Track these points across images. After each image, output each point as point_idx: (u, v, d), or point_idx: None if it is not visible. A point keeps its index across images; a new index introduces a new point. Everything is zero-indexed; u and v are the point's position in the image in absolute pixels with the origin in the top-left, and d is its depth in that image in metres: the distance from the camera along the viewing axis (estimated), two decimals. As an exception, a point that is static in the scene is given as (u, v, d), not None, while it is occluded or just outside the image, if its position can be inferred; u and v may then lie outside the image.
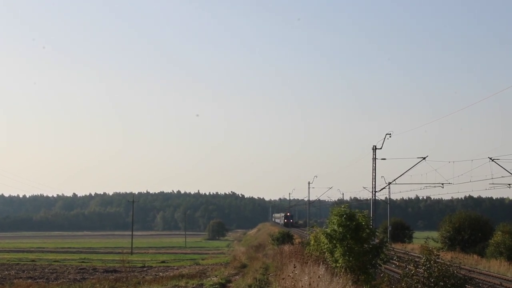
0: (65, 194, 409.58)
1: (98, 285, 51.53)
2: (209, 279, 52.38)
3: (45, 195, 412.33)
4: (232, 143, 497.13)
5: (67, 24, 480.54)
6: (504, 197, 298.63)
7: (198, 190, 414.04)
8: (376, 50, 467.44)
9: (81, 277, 65.48)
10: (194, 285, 48.46)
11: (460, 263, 29.62)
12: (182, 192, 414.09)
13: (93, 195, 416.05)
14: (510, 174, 50.38)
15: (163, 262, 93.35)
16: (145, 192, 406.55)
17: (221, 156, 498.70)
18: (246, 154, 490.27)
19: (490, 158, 51.22)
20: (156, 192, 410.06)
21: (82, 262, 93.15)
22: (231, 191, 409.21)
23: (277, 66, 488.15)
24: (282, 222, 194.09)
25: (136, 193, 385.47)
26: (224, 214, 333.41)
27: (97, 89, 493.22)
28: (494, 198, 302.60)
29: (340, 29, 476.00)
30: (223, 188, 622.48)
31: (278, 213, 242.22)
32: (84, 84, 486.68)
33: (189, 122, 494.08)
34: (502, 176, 51.28)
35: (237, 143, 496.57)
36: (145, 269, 77.54)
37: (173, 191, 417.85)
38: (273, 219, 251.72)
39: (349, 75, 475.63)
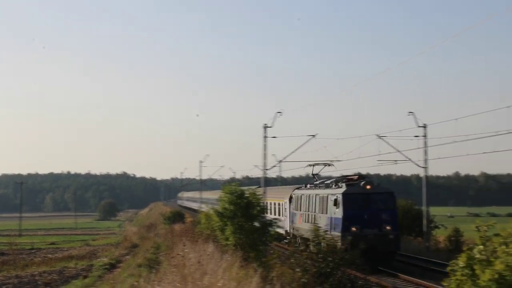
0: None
1: (-17, 269, 50.27)
2: (99, 259, 51.93)
3: None
4: (123, 121, 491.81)
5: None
6: (391, 173, 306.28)
7: (89, 171, 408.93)
8: (270, 23, 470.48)
9: (-34, 261, 63.69)
10: (83, 266, 47.95)
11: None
12: (72, 172, 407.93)
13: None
14: (396, 151, 51.45)
15: (52, 244, 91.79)
16: (35, 173, 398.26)
17: (111, 135, 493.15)
18: (137, 133, 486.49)
19: (378, 135, 52.12)
20: (46, 173, 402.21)
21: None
22: (123, 171, 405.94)
23: (168, 44, 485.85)
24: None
25: (25, 174, 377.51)
26: (115, 194, 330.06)
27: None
28: (381, 174, 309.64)
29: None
30: (114, 168, 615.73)
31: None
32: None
33: (75, 98, 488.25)
34: (389, 153, 52.34)
35: (128, 122, 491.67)
36: (33, 251, 76.19)
37: (62, 171, 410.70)
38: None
39: (243, 53, 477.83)
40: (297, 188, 51.42)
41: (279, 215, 54.93)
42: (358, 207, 37.61)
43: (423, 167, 51.71)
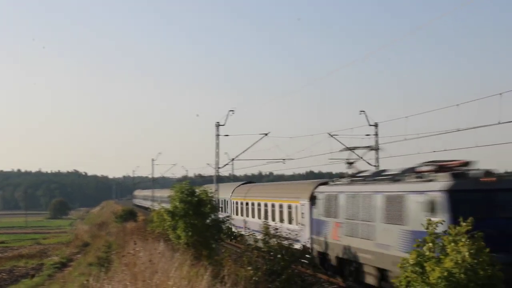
0: None
1: None
2: (50, 258, 51.44)
3: None
4: (74, 119, 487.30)
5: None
6: (343, 171, 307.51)
7: (40, 169, 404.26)
8: (227, 22, 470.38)
9: None
10: (34, 265, 47.44)
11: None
12: (23, 171, 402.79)
13: None
14: (348, 149, 51.83)
15: (2, 242, 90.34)
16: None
17: (62, 133, 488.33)
18: (89, 131, 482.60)
19: (329, 134, 52.47)
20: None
21: None
22: (74, 169, 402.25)
23: (120, 39, 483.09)
24: None
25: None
26: (66, 192, 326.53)
27: None
28: (333, 172, 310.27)
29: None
30: (65, 166, 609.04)
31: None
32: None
33: (20, 95, 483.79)
34: (340, 151, 52.65)
35: (80, 119, 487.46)
36: (-18, 250, 74.97)
37: (13, 169, 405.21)
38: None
39: (197, 51, 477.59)
40: (323, 184, 36.43)
41: (289, 222, 39.64)
42: (478, 215, 19.28)
43: (374, 166, 52.15)
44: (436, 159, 25.89)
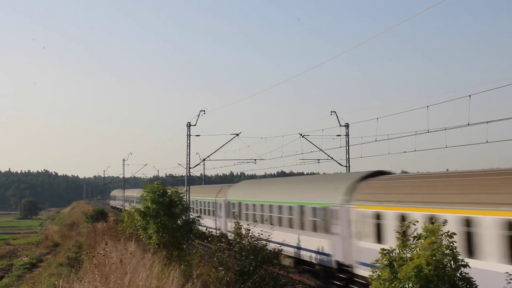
0: None
1: None
2: (20, 259, 51.09)
3: None
4: (45, 118, 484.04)
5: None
6: (315, 172, 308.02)
7: (9, 168, 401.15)
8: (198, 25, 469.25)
9: None
10: (3, 266, 47.05)
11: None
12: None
13: None
14: (319, 150, 52.08)
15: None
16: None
17: (32, 131, 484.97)
18: (60, 130, 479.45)
19: (301, 134, 52.66)
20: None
21: None
22: (44, 169, 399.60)
23: (88, 41, 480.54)
24: None
25: None
26: (36, 192, 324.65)
27: None
28: (305, 173, 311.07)
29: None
30: (35, 165, 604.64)
31: None
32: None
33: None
34: (311, 151, 52.83)
35: (50, 118, 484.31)
36: (-49, 251, 74.17)
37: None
38: None
39: (170, 55, 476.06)
40: None
41: None
42: None
43: (345, 166, 52.35)
44: None
